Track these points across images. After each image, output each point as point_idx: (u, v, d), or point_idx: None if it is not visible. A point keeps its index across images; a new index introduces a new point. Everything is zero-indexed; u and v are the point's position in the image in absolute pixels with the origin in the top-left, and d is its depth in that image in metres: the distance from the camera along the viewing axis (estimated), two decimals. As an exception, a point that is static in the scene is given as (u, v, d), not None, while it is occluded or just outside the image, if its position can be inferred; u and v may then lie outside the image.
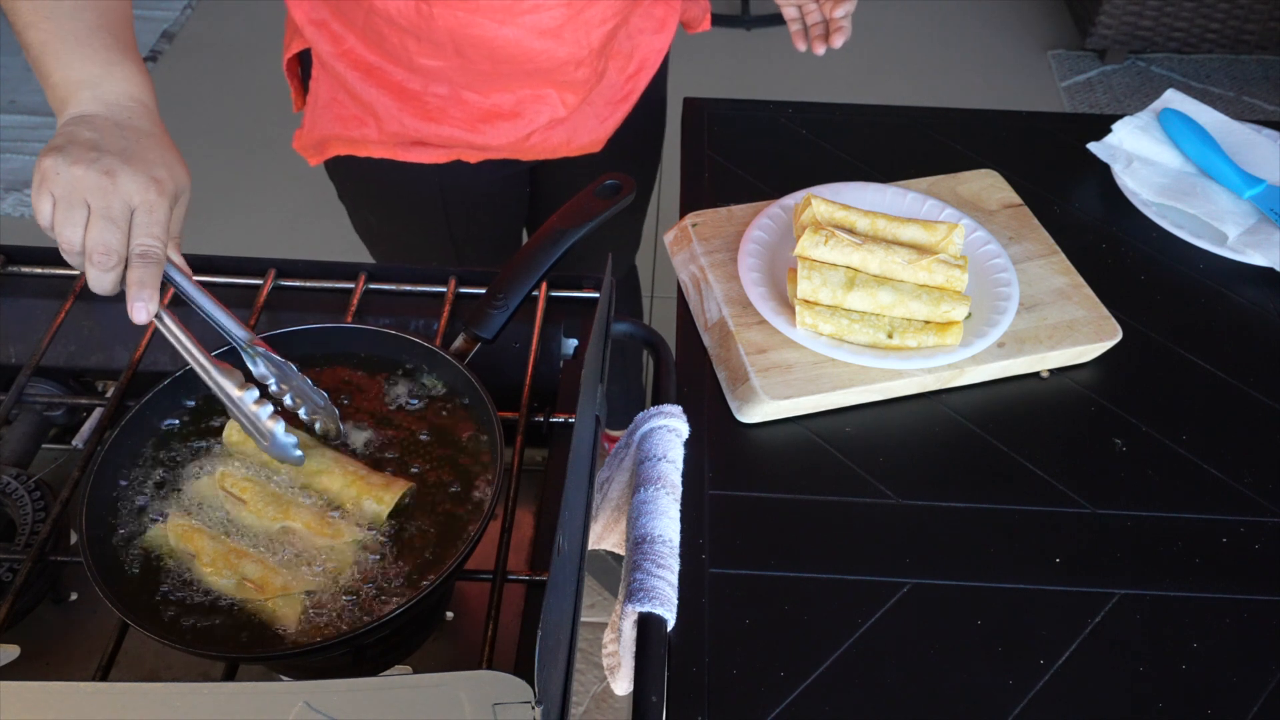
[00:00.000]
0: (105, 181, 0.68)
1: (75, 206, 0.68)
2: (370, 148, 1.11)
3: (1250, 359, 0.97)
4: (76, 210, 0.68)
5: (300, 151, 1.18)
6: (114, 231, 0.68)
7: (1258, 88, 2.89)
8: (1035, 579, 0.80)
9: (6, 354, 0.85)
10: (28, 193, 2.55)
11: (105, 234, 0.68)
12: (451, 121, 1.09)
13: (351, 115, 1.10)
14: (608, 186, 0.86)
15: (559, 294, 0.87)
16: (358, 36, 1.05)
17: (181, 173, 0.73)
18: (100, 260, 0.68)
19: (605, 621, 1.67)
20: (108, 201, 0.68)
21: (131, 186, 0.69)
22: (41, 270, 0.86)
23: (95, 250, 0.68)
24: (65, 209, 0.68)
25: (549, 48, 1.02)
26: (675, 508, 0.76)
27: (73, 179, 0.68)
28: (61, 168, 0.68)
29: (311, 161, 1.18)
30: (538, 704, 0.49)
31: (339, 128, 1.11)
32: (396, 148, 1.11)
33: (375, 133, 1.10)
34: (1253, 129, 1.20)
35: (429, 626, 0.75)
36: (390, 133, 1.09)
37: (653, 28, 1.16)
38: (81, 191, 0.68)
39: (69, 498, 0.70)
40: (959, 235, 0.96)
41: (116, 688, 0.54)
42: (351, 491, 0.69)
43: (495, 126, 1.10)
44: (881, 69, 2.97)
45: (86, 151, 0.69)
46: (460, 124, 1.09)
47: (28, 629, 0.72)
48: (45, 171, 0.68)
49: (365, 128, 1.10)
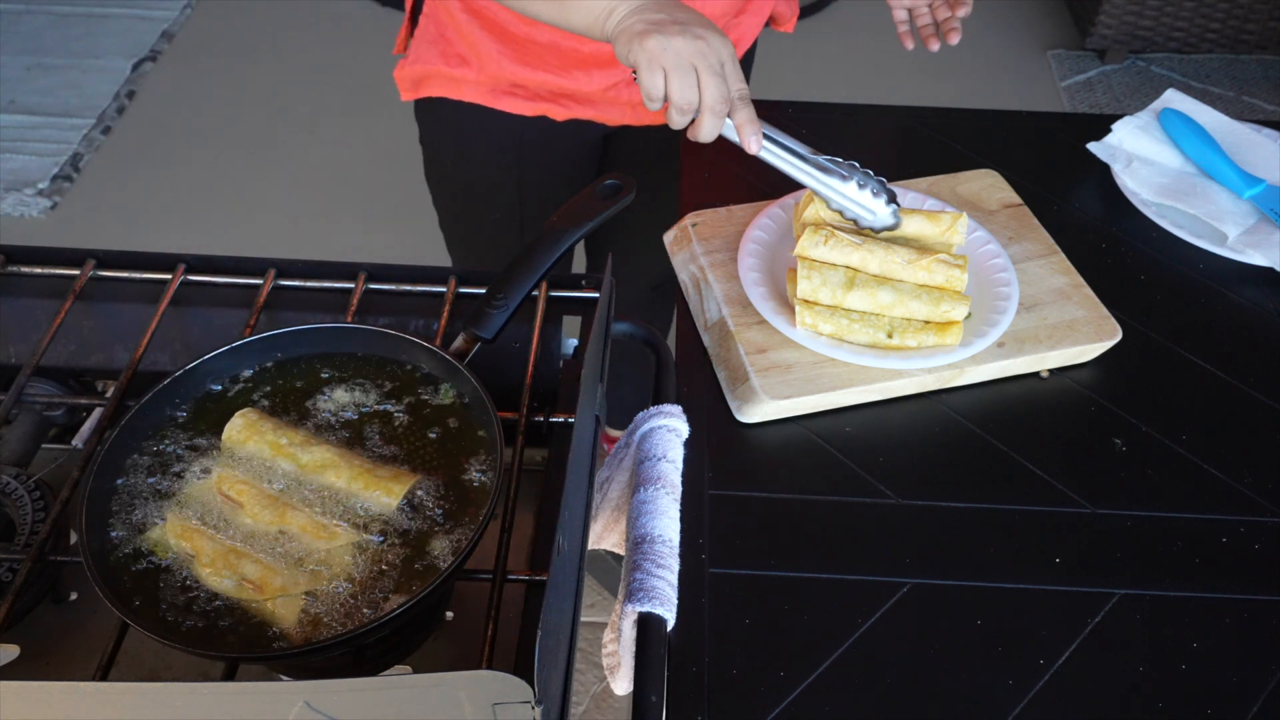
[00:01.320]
0: (703, 45, 0.82)
1: (687, 72, 0.82)
2: (465, 89, 1.17)
3: (1250, 359, 0.97)
4: (689, 75, 0.82)
5: (398, 82, 1.22)
6: (723, 84, 0.83)
7: (1258, 88, 2.89)
8: (1035, 579, 0.80)
9: (6, 354, 0.85)
10: (28, 192, 2.55)
11: (721, 88, 0.83)
12: (548, 66, 1.13)
13: (455, 54, 1.16)
14: (608, 186, 0.86)
15: (559, 294, 0.87)
16: None
17: None
18: (720, 109, 0.84)
19: (605, 621, 1.67)
20: (709, 61, 0.82)
21: (719, 44, 0.83)
22: (41, 270, 0.86)
23: (717, 102, 0.83)
24: (679, 75, 0.82)
25: None
26: (675, 508, 0.76)
27: (678, 49, 0.82)
28: (666, 43, 0.82)
29: (404, 96, 1.23)
30: (538, 704, 0.49)
31: (441, 64, 1.16)
32: (490, 93, 1.17)
33: (475, 73, 1.15)
34: (1253, 129, 1.20)
35: (429, 626, 0.75)
36: (489, 75, 1.15)
37: (753, 10, 1.21)
38: (688, 57, 0.82)
39: (69, 498, 0.70)
40: (963, 225, 0.97)
41: (116, 688, 0.54)
42: (359, 485, 0.70)
43: (588, 73, 1.14)
44: (882, 69, 2.97)
45: (673, 26, 0.82)
46: (556, 68, 1.14)
47: (28, 629, 0.72)
48: (652, 51, 0.82)
49: (466, 67, 1.16)
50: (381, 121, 2.67)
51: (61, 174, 2.61)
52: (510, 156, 1.25)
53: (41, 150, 2.68)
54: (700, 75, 0.82)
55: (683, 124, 0.85)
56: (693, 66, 0.82)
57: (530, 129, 1.20)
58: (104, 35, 3.09)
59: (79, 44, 3.04)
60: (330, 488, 0.70)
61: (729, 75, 0.84)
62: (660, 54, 0.82)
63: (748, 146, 0.86)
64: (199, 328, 0.86)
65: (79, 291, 0.84)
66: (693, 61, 0.82)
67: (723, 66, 0.83)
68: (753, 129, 0.86)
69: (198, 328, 0.86)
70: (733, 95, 0.84)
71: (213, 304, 0.86)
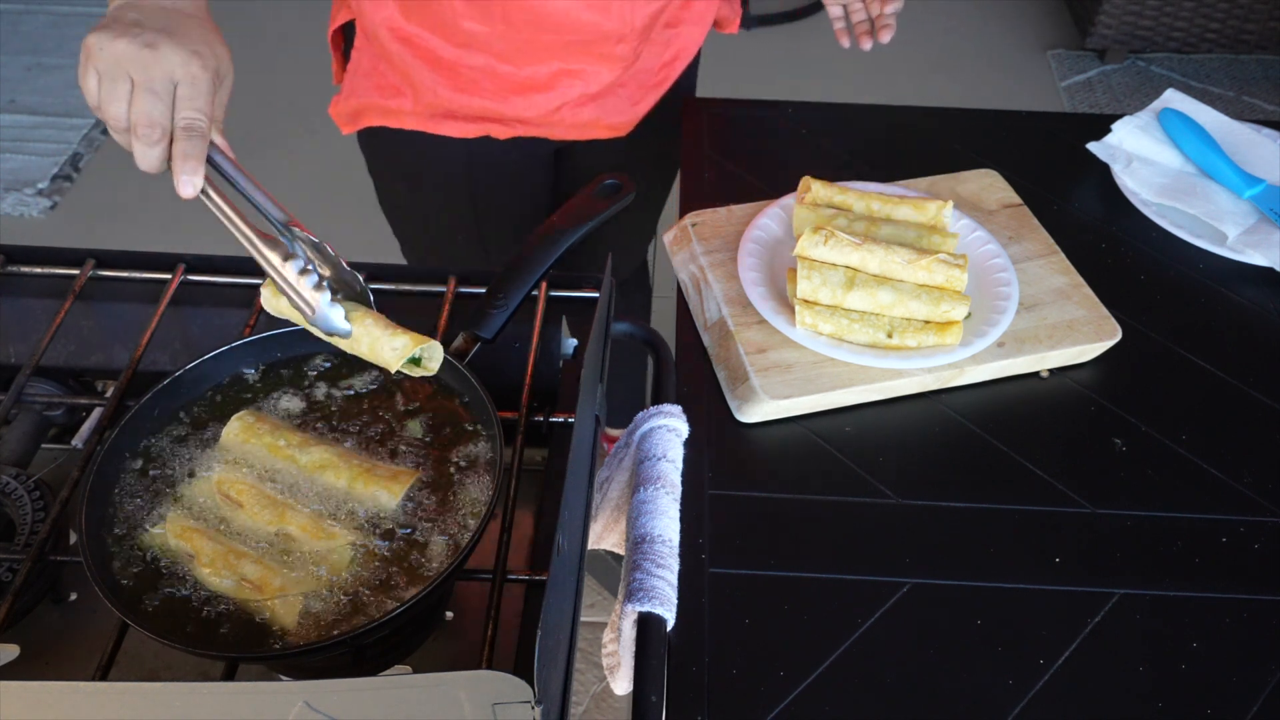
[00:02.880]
0: (147, 54, 0.68)
1: (119, 80, 0.68)
2: (404, 118, 1.15)
3: (1250, 359, 0.97)
4: (120, 84, 0.68)
5: (335, 118, 1.20)
6: (158, 104, 0.68)
7: (1258, 88, 2.89)
8: (1035, 579, 0.80)
9: (6, 354, 0.85)
10: (28, 192, 2.56)
11: (149, 107, 0.68)
12: (484, 93, 1.12)
13: (390, 84, 1.13)
14: (607, 186, 0.86)
15: (559, 294, 0.87)
16: (398, 4, 1.07)
17: (224, 54, 0.74)
18: (145, 134, 0.68)
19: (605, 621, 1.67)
20: (150, 74, 0.68)
21: (174, 59, 0.69)
22: (41, 270, 0.86)
23: (140, 123, 0.68)
24: (109, 83, 0.68)
25: (595, 20, 1.05)
26: (675, 507, 0.76)
27: (115, 53, 0.68)
28: (104, 43, 0.69)
29: (344, 130, 1.21)
30: (537, 704, 0.49)
31: (376, 96, 1.14)
32: (429, 119, 1.14)
33: (411, 103, 1.13)
34: (1253, 129, 1.20)
35: (429, 626, 0.75)
36: (425, 103, 1.13)
37: (691, 19, 1.18)
38: (124, 65, 0.68)
39: (68, 497, 0.70)
40: (947, 212, 1.00)
41: (116, 688, 0.54)
42: (359, 484, 0.70)
43: (527, 99, 1.12)
44: (882, 69, 2.97)
45: (129, 28, 0.69)
46: (492, 95, 1.12)
47: (27, 629, 0.72)
48: (89, 48, 0.69)
49: (401, 97, 1.13)
50: (381, 121, 2.67)
51: (61, 174, 2.61)
52: (459, 178, 1.22)
53: (41, 150, 2.68)
54: (134, 89, 0.68)
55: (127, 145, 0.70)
56: (128, 77, 0.68)
57: (476, 149, 1.17)
58: (104, 35, 3.08)
59: (79, 44, 3.02)
60: (330, 487, 0.70)
61: (180, 98, 0.69)
62: (96, 54, 0.69)
63: (178, 187, 0.69)
64: (199, 328, 0.86)
65: (79, 291, 0.84)
66: (129, 71, 0.68)
67: (173, 87, 0.69)
68: (186, 167, 0.68)
69: (198, 328, 0.86)
70: (176, 123, 0.69)
71: (213, 304, 0.86)
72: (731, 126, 1.23)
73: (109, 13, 0.72)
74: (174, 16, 0.72)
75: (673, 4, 1.15)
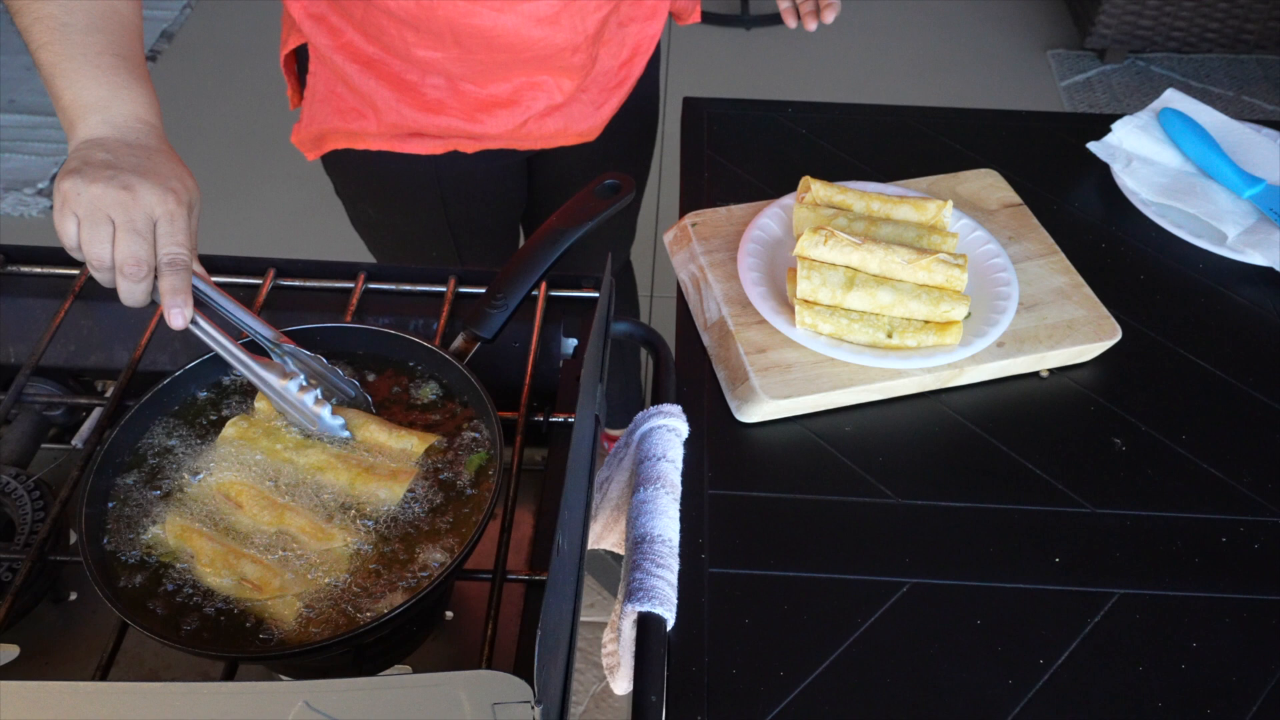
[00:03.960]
0: (126, 196, 0.70)
1: (100, 224, 0.70)
2: (368, 140, 1.13)
3: (1250, 359, 0.97)
4: (101, 227, 0.70)
5: (298, 146, 1.18)
6: (141, 243, 0.70)
7: (1258, 87, 2.89)
8: (1035, 579, 0.80)
9: (6, 354, 0.85)
10: (28, 192, 2.55)
11: (134, 246, 0.70)
12: (449, 112, 1.10)
13: (350, 108, 1.11)
14: (607, 186, 0.86)
15: (558, 294, 0.87)
16: (356, 29, 1.05)
17: (193, 185, 0.75)
18: (132, 272, 0.70)
19: (605, 621, 1.67)
20: (131, 215, 0.70)
21: (151, 198, 0.71)
22: (41, 270, 0.86)
23: (126, 264, 0.70)
24: (90, 227, 0.70)
25: (546, 35, 1.03)
26: (675, 507, 0.76)
27: (93, 197, 0.70)
28: (81, 188, 0.70)
29: (309, 156, 1.19)
30: (537, 703, 0.49)
31: (337, 121, 1.12)
32: (394, 139, 1.12)
33: (374, 125, 1.11)
34: (1252, 129, 1.20)
35: (428, 626, 0.75)
36: (389, 124, 1.11)
37: (644, 15, 1.17)
38: (104, 208, 0.70)
39: (68, 497, 0.70)
40: (947, 211, 1.00)
41: (116, 687, 0.54)
42: (359, 484, 0.70)
43: (493, 115, 1.11)
44: (881, 69, 2.97)
45: (102, 170, 0.70)
46: (458, 114, 1.10)
47: (27, 628, 0.72)
48: (66, 194, 0.70)
49: (364, 120, 1.11)
50: (381, 121, 2.66)
51: (61, 174, 2.61)
52: (430, 194, 1.20)
53: (41, 150, 2.68)
54: (116, 231, 0.70)
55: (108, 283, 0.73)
56: (108, 219, 0.70)
57: (444, 163, 1.16)
58: (104, 35, 3.08)
59: (79, 44, 3.04)
60: (329, 488, 0.70)
61: (160, 234, 0.71)
62: (74, 199, 0.70)
63: (169, 320, 0.72)
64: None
65: (78, 291, 0.84)
66: (109, 214, 0.70)
67: (153, 225, 0.71)
68: (175, 300, 0.71)
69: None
70: (160, 259, 0.71)
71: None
72: (731, 126, 1.23)
73: (74, 153, 0.73)
74: (141, 153, 0.74)
75: (620, 7, 1.13)
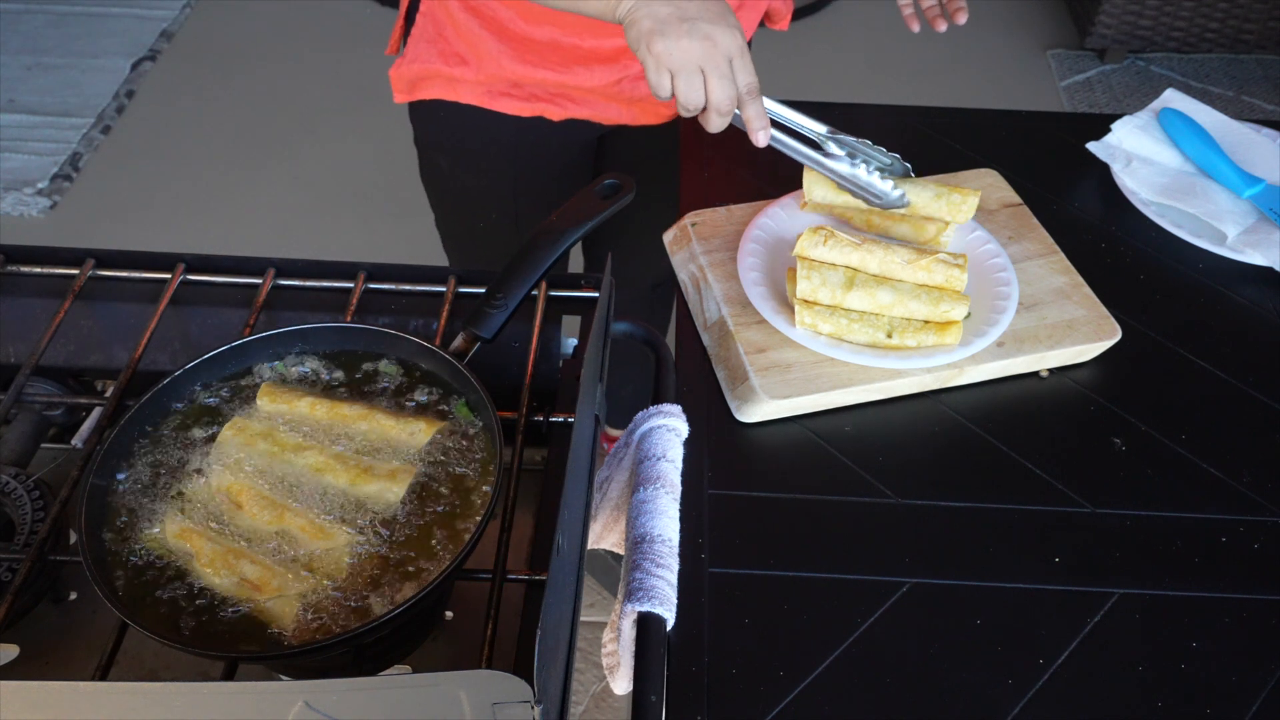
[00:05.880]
0: (708, 46, 0.83)
1: (693, 74, 0.84)
2: (462, 89, 1.17)
3: (1250, 359, 0.97)
4: (695, 78, 0.84)
5: (393, 83, 1.22)
6: (730, 86, 0.85)
7: (1257, 87, 2.89)
8: (1035, 579, 0.80)
9: (6, 353, 0.85)
10: (28, 192, 2.55)
11: (724, 88, 0.85)
12: (548, 64, 1.13)
13: (454, 52, 1.15)
14: (606, 186, 0.86)
15: (558, 293, 0.87)
16: None
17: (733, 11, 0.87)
18: (727, 110, 0.86)
19: (605, 621, 1.67)
20: (716, 62, 0.84)
21: (727, 40, 0.84)
22: (41, 270, 0.86)
23: (722, 104, 0.86)
24: (685, 78, 0.84)
25: None
26: (675, 507, 0.76)
27: (684, 52, 0.83)
28: (671, 46, 0.83)
29: (399, 98, 1.23)
30: (537, 703, 0.49)
31: (440, 64, 1.16)
32: (487, 93, 1.16)
33: (473, 73, 1.15)
34: (1252, 128, 1.20)
35: (428, 626, 0.75)
36: (488, 74, 1.14)
37: (751, 4, 1.21)
38: (694, 60, 0.83)
39: (68, 497, 0.70)
40: (948, 235, 0.99)
41: (116, 687, 0.54)
42: (359, 483, 0.70)
43: (590, 69, 1.14)
44: (881, 69, 2.97)
45: (680, 25, 0.83)
46: (557, 65, 1.13)
47: (27, 628, 0.72)
48: (659, 54, 0.83)
49: (464, 66, 1.15)
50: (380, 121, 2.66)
51: (61, 173, 2.61)
52: (506, 158, 1.24)
53: (41, 150, 2.68)
54: (707, 78, 0.84)
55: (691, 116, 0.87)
56: (699, 69, 0.83)
57: (526, 130, 1.20)
58: (103, 35, 3.08)
59: (78, 44, 3.04)
60: (329, 488, 0.70)
61: (737, 71, 0.85)
62: (666, 57, 0.83)
63: (756, 141, 0.89)
64: (198, 327, 0.86)
65: (78, 291, 0.84)
66: (699, 64, 0.83)
67: (730, 64, 0.84)
68: (760, 123, 0.88)
69: (197, 327, 0.86)
70: (740, 92, 0.86)
71: (212, 303, 0.86)
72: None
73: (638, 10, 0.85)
74: None
75: None
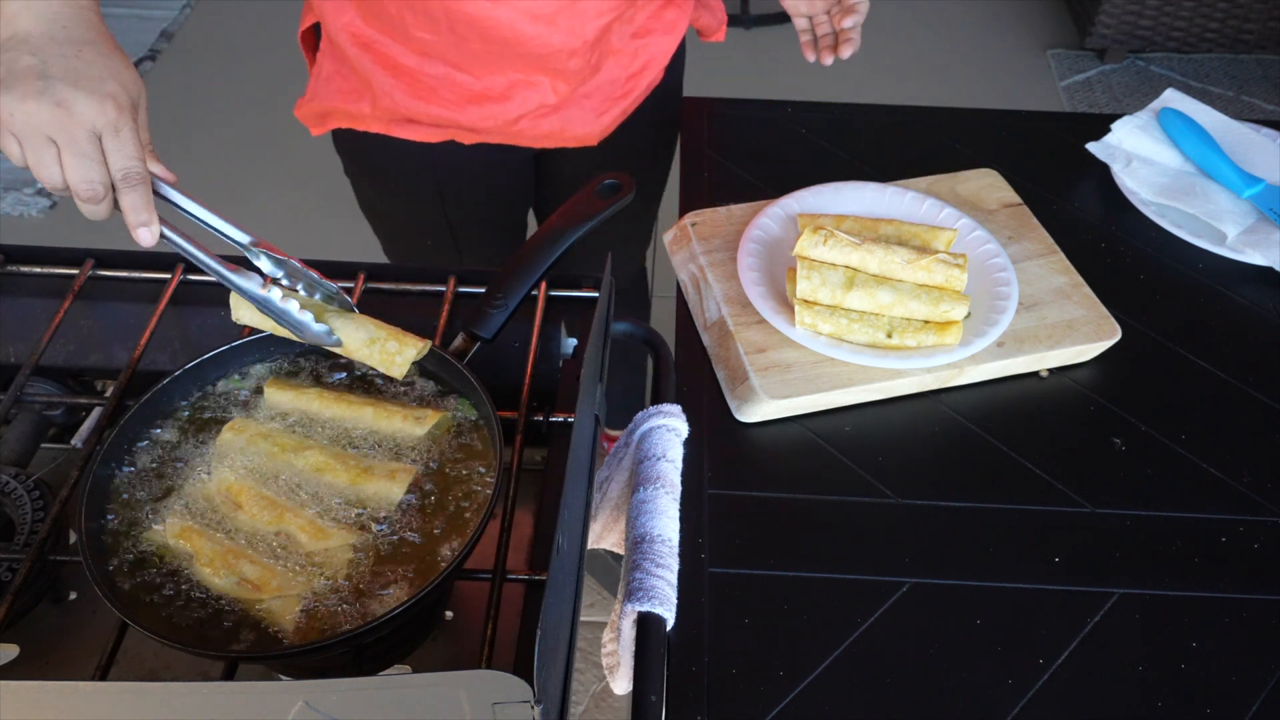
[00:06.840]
0: (61, 115, 0.65)
1: (43, 147, 0.66)
2: (366, 122, 1.14)
3: (1250, 358, 0.97)
4: (45, 151, 0.66)
5: (302, 120, 1.20)
6: (90, 164, 0.66)
7: (1257, 87, 2.89)
8: (1035, 579, 0.80)
9: (6, 353, 0.85)
10: (28, 192, 2.55)
11: (83, 169, 0.66)
12: (441, 101, 1.10)
13: (351, 89, 1.13)
14: (607, 186, 0.86)
15: (558, 293, 0.87)
16: (358, 8, 1.07)
17: (131, 79, 0.70)
18: (89, 196, 0.67)
19: (605, 621, 1.67)
20: (72, 135, 0.66)
21: (89, 112, 0.66)
22: (41, 270, 0.86)
23: (80, 187, 0.66)
24: (33, 150, 0.66)
25: (541, 33, 1.03)
26: (674, 507, 0.76)
27: (27, 116, 0.65)
28: (14, 107, 0.65)
29: (314, 131, 1.20)
30: (537, 703, 0.49)
31: (339, 100, 1.14)
32: (390, 124, 1.14)
33: (370, 108, 1.12)
34: (1252, 128, 1.20)
35: (428, 626, 0.75)
36: (383, 108, 1.12)
37: (662, 29, 1.16)
38: (42, 129, 0.65)
39: (68, 497, 0.70)
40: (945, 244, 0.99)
41: (116, 687, 0.54)
42: (358, 483, 0.70)
43: (483, 108, 1.11)
44: (881, 69, 2.97)
45: (33, 83, 0.65)
46: (450, 104, 1.11)
47: (27, 628, 0.72)
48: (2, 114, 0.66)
49: (362, 102, 1.13)
50: (381, 121, 2.67)
51: (61, 174, 2.61)
52: (426, 181, 1.20)
53: (41, 150, 2.68)
54: (61, 153, 0.66)
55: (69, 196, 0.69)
56: (50, 141, 0.66)
57: (441, 153, 1.15)
58: (103, 35, 3.08)
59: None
60: (329, 488, 0.70)
61: (108, 150, 0.67)
62: (9, 119, 0.65)
63: (137, 239, 0.69)
64: (198, 327, 0.86)
65: (78, 291, 0.84)
66: (49, 135, 0.66)
67: (98, 141, 0.67)
68: (138, 219, 0.68)
69: (197, 327, 0.86)
70: (114, 177, 0.67)
71: (212, 303, 0.86)
72: (731, 126, 1.23)
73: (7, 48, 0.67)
74: (70, 50, 0.68)
75: (640, 14, 1.12)
